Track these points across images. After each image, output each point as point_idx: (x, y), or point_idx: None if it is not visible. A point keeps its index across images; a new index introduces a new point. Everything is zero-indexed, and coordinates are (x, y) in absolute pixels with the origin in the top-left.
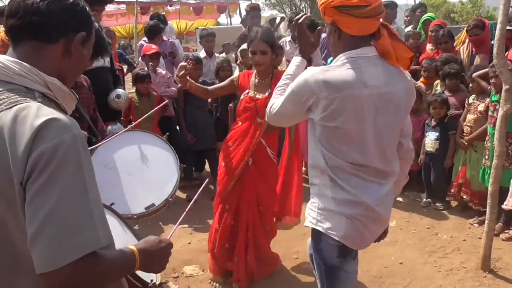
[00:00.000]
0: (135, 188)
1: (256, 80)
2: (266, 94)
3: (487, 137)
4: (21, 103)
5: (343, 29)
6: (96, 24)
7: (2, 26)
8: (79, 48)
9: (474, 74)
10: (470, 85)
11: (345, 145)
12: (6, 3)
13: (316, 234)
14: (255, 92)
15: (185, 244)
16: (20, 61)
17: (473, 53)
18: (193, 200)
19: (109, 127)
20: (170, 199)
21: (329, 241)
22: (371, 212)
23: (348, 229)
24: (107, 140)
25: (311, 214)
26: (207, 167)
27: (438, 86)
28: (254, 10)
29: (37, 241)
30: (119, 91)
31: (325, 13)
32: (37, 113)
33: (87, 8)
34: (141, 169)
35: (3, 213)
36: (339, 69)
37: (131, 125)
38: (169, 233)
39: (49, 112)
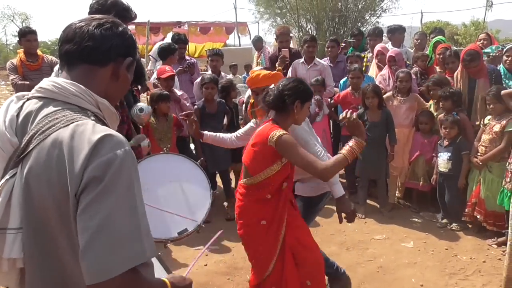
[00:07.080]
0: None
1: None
2: None
3: (510, 159)
4: (77, 121)
5: None
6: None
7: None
8: (125, 72)
9: (503, 92)
10: (491, 106)
11: None
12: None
13: None
14: None
15: (201, 266)
16: (76, 83)
17: (470, 77)
18: (204, 248)
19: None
20: (203, 225)
21: None
22: None
23: None
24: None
25: None
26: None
27: (431, 107)
28: (283, 34)
29: (88, 251)
30: (142, 104)
31: None
32: (94, 129)
33: (133, 36)
34: (174, 194)
35: (55, 227)
36: None
37: (166, 148)
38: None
39: (104, 129)
